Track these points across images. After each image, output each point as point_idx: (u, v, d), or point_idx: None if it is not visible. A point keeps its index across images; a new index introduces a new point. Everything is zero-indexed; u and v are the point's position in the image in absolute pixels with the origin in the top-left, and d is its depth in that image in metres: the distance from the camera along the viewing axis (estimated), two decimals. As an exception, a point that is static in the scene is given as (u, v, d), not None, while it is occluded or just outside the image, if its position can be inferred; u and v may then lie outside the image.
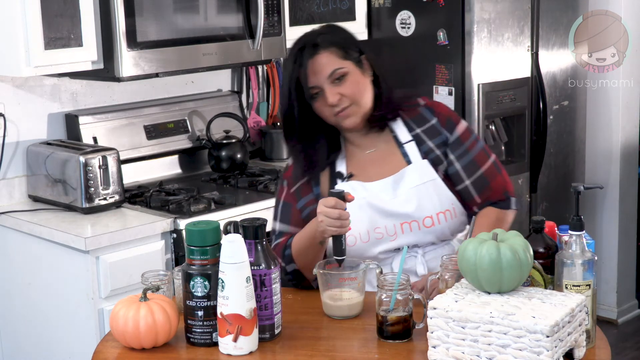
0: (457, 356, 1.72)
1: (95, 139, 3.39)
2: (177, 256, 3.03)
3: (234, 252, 1.83)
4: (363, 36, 4.01)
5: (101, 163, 3.11)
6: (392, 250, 2.30)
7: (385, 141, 2.35)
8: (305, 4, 3.74)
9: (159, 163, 3.64)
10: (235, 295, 1.83)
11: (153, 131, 3.58)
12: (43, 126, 3.38)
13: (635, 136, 4.52)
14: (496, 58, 3.83)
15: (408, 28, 3.92)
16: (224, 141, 3.67)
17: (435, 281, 2.05)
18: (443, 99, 3.80)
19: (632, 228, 4.61)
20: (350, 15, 3.93)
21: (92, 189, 3.09)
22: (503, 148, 4.06)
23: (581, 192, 1.89)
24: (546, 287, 1.90)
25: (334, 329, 2.01)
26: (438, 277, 2.03)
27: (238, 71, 3.98)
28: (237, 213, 3.15)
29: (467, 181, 2.32)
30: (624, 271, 4.58)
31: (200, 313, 1.90)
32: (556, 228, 2.06)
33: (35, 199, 3.30)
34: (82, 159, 3.08)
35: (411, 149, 2.33)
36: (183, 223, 3.01)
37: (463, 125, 2.37)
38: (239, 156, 3.67)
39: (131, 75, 3.14)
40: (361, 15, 3.99)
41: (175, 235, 3.03)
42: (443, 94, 3.82)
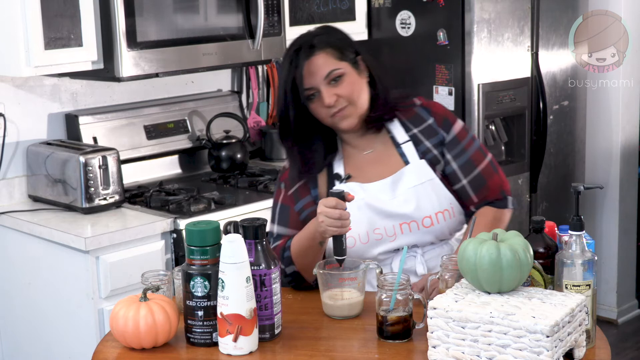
0: (457, 356, 1.72)
1: (95, 139, 3.39)
2: (177, 256, 3.03)
3: (234, 252, 1.83)
4: (363, 36, 4.01)
5: (101, 163, 3.11)
6: (392, 250, 2.30)
7: (382, 142, 2.35)
8: (305, 4, 3.74)
9: (159, 163, 3.64)
10: (235, 295, 1.83)
11: (153, 131, 3.58)
12: (43, 126, 3.38)
13: (635, 136, 4.52)
14: (496, 58, 3.83)
15: (408, 28, 3.92)
16: (224, 141, 3.66)
17: (435, 281, 2.05)
18: (443, 99, 3.80)
19: (632, 228, 4.61)
20: (350, 15, 3.93)
21: (92, 189, 3.09)
22: (503, 148, 4.06)
23: (581, 192, 1.89)
24: (546, 287, 1.90)
25: (334, 329, 2.01)
26: (438, 277, 2.03)
27: (238, 71, 3.98)
28: (237, 213, 3.15)
29: (464, 180, 2.32)
30: (624, 271, 4.58)
31: (200, 313, 1.90)
32: (556, 228, 2.05)
33: (35, 199, 3.30)
34: (82, 159, 3.08)
35: (408, 149, 2.32)
36: (183, 223, 3.01)
37: (459, 124, 2.37)
38: (239, 156, 3.67)
39: (131, 75, 3.14)
40: (361, 15, 3.99)
41: (175, 235, 3.03)
42: (443, 94, 3.82)
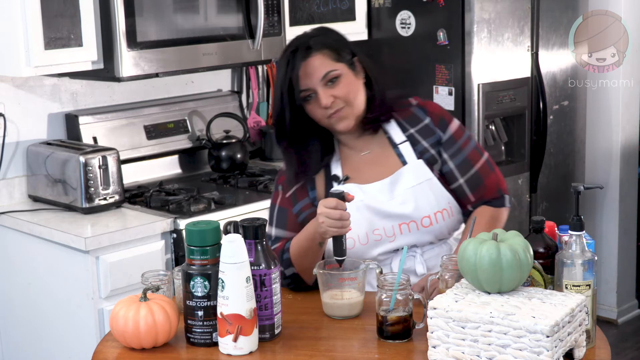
0: (457, 356, 1.72)
1: (95, 139, 3.39)
2: (177, 256, 3.03)
3: (234, 252, 1.83)
4: (363, 36, 4.01)
5: (101, 163, 3.11)
6: (391, 251, 2.30)
7: (379, 142, 2.34)
8: (305, 4, 3.74)
9: (159, 163, 3.64)
10: (235, 295, 1.83)
11: (153, 131, 3.58)
12: (43, 126, 3.38)
13: (635, 136, 4.52)
14: (496, 58, 3.83)
15: (408, 28, 3.92)
16: (224, 141, 3.66)
17: (435, 281, 2.05)
18: (443, 99, 3.80)
19: (632, 228, 4.61)
20: (350, 15, 3.93)
21: (92, 189, 3.09)
22: (503, 148, 4.06)
23: (581, 192, 1.89)
24: (546, 287, 1.90)
25: (334, 329, 2.01)
26: (438, 277, 2.03)
27: (238, 71, 3.98)
28: (237, 213, 3.15)
29: (461, 180, 2.32)
30: (624, 271, 4.58)
31: (200, 313, 1.90)
32: (556, 228, 2.05)
33: (35, 199, 3.30)
34: (82, 159, 3.08)
35: (406, 150, 2.32)
36: (183, 223, 3.01)
37: (455, 123, 2.37)
38: (239, 156, 3.67)
39: (131, 75, 3.14)
40: (361, 15, 3.99)
41: (175, 235, 3.03)
42: (443, 94, 3.82)
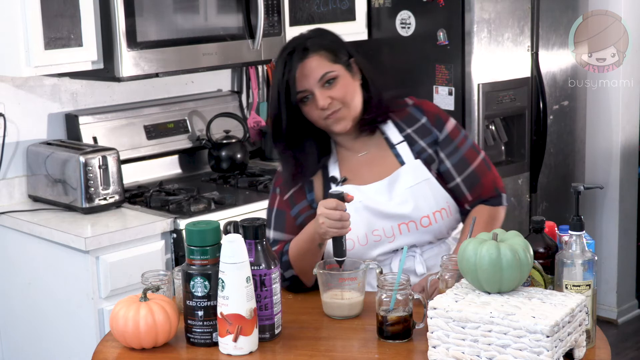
0: (457, 356, 1.72)
1: (95, 139, 3.39)
2: (177, 256, 3.03)
3: (234, 252, 1.83)
4: (363, 36, 4.01)
5: (101, 163, 3.11)
6: (391, 251, 2.30)
7: (376, 143, 2.34)
8: (305, 4, 3.74)
9: (159, 163, 3.64)
10: (235, 295, 1.83)
11: (153, 131, 3.58)
12: (43, 126, 3.38)
13: (635, 136, 4.52)
14: (496, 58, 3.83)
15: (408, 28, 3.92)
16: (224, 141, 3.66)
17: (435, 281, 2.05)
18: (443, 99, 3.80)
19: (632, 228, 4.61)
20: (350, 15, 3.93)
21: (92, 189, 3.09)
22: (503, 148, 4.05)
23: (581, 192, 1.89)
24: (546, 287, 1.90)
25: (334, 329, 2.01)
26: (438, 277, 2.03)
27: (238, 71, 3.98)
28: (237, 213, 3.15)
29: (458, 179, 2.32)
30: (624, 271, 4.58)
31: (200, 313, 1.90)
32: (556, 228, 2.05)
33: (35, 199, 3.30)
34: (82, 159, 3.08)
35: (403, 150, 2.32)
36: (183, 223, 3.01)
37: (452, 122, 2.37)
38: (239, 156, 3.67)
39: (131, 75, 3.14)
40: (361, 15, 3.99)
41: (175, 235, 3.03)
42: (443, 94, 3.82)
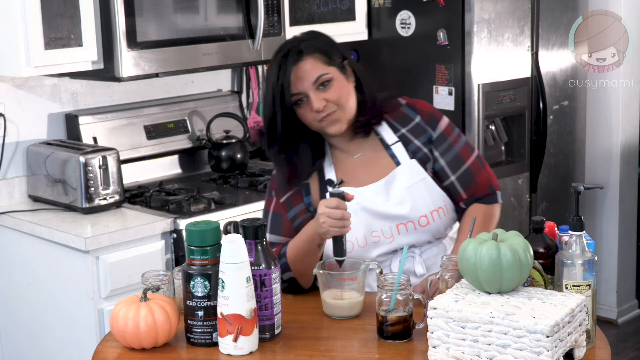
0: (457, 356, 1.72)
1: (95, 139, 3.39)
2: (177, 256, 3.03)
3: (234, 252, 1.83)
4: (363, 36, 4.01)
5: (101, 163, 3.11)
6: (390, 252, 2.30)
7: (371, 145, 2.34)
8: (305, 4, 3.74)
9: (159, 163, 3.63)
10: (235, 295, 1.83)
11: (153, 131, 3.58)
12: (43, 126, 3.38)
13: (635, 136, 4.52)
14: (496, 58, 3.83)
15: (408, 28, 3.92)
16: (224, 141, 3.66)
17: (436, 281, 2.05)
18: (443, 99, 3.80)
19: (632, 228, 4.61)
20: (350, 15, 3.93)
21: (92, 189, 3.09)
22: (503, 148, 4.05)
23: (581, 192, 1.89)
24: (546, 287, 1.90)
25: (334, 329, 2.01)
26: (438, 277, 2.03)
27: (238, 71, 3.98)
28: (237, 213, 3.15)
29: (453, 177, 2.32)
30: (624, 271, 4.58)
31: (200, 313, 1.90)
32: (556, 228, 2.05)
33: (35, 199, 3.30)
34: (82, 159, 3.08)
35: (398, 150, 2.32)
36: (183, 223, 3.00)
37: (445, 121, 2.37)
38: (239, 156, 3.67)
39: (131, 75, 3.14)
40: (361, 15, 3.99)
41: (175, 235, 3.03)
42: (443, 94, 3.82)
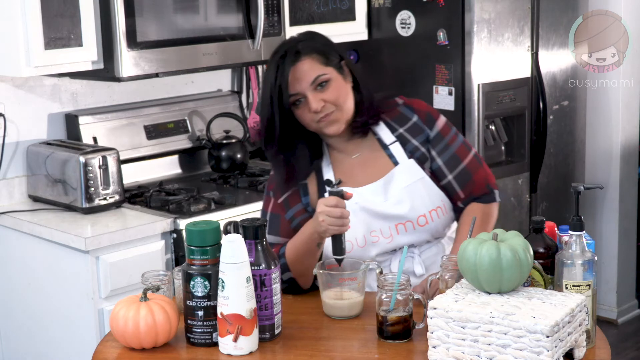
0: (457, 356, 1.72)
1: (95, 139, 3.39)
2: (177, 256, 3.03)
3: (234, 252, 1.83)
4: (363, 36, 4.01)
5: (101, 163, 3.11)
6: (389, 252, 2.30)
7: (369, 145, 2.34)
8: (305, 4, 3.74)
9: (159, 163, 3.63)
10: (235, 295, 1.83)
11: (153, 131, 3.58)
12: (43, 126, 3.38)
13: (635, 136, 4.52)
14: (496, 58, 3.83)
15: (408, 28, 3.92)
16: (224, 141, 3.66)
17: (436, 281, 2.05)
18: (443, 99, 3.80)
19: (632, 228, 4.61)
20: (350, 15, 3.93)
21: (92, 189, 3.09)
22: (503, 148, 4.05)
23: (581, 192, 1.89)
24: (546, 287, 1.90)
25: (334, 329, 2.01)
26: (438, 277, 2.03)
27: (238, 71, 3.98)
28: (237, 213, 3.15)
29: (450, 176, 2.32)
30: (624, 271, 4.58)
31: (200, 313, 1.90)
32: (556, 228, 2.05)
33: (35, 199, 3.30)
34: (82, 159, 3.08)
35: (396, 150, 2.32)
36: (183, 223, 3.00)
37: (442, 120, 2.37)
38: (239, 156, 3.67)
39: (131, 75, 3.14)
40: (361, 15, 3.99)
41: (175, 235, 3.03)
42: (443, 94, 3.82)
